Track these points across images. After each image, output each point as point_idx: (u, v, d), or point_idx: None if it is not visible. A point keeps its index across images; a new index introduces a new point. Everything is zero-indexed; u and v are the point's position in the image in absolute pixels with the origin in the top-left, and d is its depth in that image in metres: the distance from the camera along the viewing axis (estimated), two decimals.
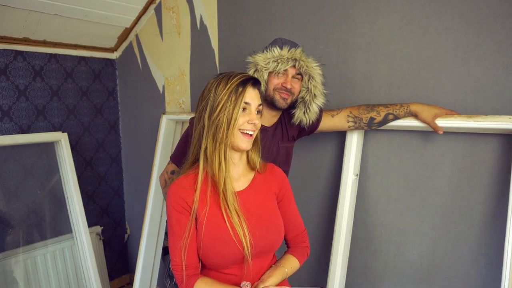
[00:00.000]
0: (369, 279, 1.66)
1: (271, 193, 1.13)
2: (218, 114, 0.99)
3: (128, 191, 2.84)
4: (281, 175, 1.18)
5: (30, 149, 2.24)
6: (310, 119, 1.39)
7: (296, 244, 1.20)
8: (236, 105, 0.99)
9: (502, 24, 1.28)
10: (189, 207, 1.02)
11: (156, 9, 2.35)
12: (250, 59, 1.35)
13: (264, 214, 1.08)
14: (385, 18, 1.51)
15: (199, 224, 1.02)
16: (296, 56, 1.29)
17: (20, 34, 2.10)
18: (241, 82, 1.00)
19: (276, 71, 1.30)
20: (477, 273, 1.39)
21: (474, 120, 1.26)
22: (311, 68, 1.33)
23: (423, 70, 1.44)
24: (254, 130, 1.04)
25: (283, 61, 1.28)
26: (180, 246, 1.01)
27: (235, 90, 1.00)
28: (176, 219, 1.02)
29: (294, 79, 1.33)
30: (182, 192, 1.03)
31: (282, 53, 1.29)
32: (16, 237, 2.18)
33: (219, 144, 1.00)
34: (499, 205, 1.34)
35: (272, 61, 1.29)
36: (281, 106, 1.34)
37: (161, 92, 2.44)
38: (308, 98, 1.36)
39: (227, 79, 1.01)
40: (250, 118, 1.02)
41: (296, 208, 1.20)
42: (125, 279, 2.94)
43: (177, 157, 1.42)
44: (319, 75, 1.35)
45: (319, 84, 1.36)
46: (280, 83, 1.31)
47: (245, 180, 1.11)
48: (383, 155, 1.58)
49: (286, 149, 1.47)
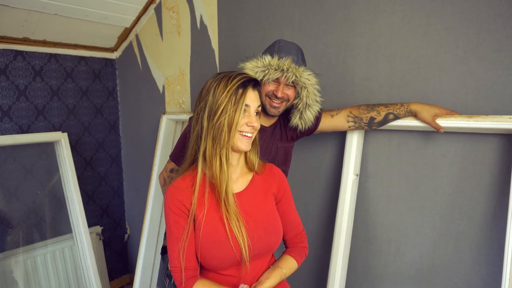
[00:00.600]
0: (369, 280, 1.65)
1: (269, 193, 1.12)
2: (219, 117, 0.97)
3: (128, 191, 2.84)
4: (280, 175, 1.18)
5: (30, 149, 2.24)
6: (306, 124, 1.39)
7: (295, 244, 1.19)
8: (237, 108, 0.98)
9: (502, 24, 1.28)
10: (187, 209, 1.01)
11: (156, 9, 2.35)
12: (241, 65, 1.34)
13: (262, 216, 1.07)
14: (385, 18, 1.51)
15: (197, 226, 1.01)
16: (284, 67, 1.26)
17: (20, 34, 2.10)
18: (242, 84, 0.99)
19: (266, 80, 1.28)
20: (478, 273, 1.39)
21: (475, 120, 1.26)
22: (300, 79, 1.29)
23: (424, 70, 1.44)
24: (253, 132, 1.03)
25: (271, 72, 1.26)
26: (179, 248, 1.00)
27: (236, 92, 0.98)
28: (174, 221, 1.02)
29: (287, 86, 1.31)
30: (179, 195, 1.02)
31: (272, 62, 1.27)
32: (16, 237, 2.17)
33: (220, 147, 0.99)
34: (499, 205, 1.33)
35: (261, 70, 1.27)
36: (273, 114, 1.33)
37: (161, 92, 2.43)
38: (302, 106, 1.35)
39: (226, 80, 0.99)
40: (249, 121, 1.01)
41: (294, 208, 1.20)
42: (125, 279, 2.94)
43: (177, 156, 1.42)
44: (312, 84, 1.32)
45: (311, 93, 1.33)
46: (271, 91, 1.30)
47: (243, 181, 1.10)
48: (383, 155, 1.58)
49: (285, 149, 1.46)
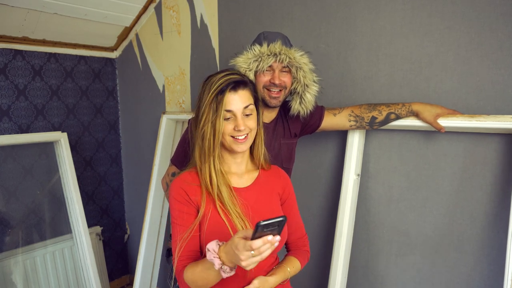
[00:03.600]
0: (370, 280, 1.65)
1: (274, 193, 1.12)
2: (202, 126, 0.98)
3: (128, 191, 2.83)
4: (286, 178, 1.17)
5: (29, 149, 2.23)
6: (307, 108, 1.35)
7: (298, 247, 1.18)
8: (217, 116, 0.97)
9: (504, 23, 1.27)
10: (191, 200, 1.01)
11: (156, 8, 2.35)
12: (232, 62, 1.32)
13: (268, 213, 1.06)
14: (386, 17, 1.50)
15: (202, 221, 1.01)
16: (275, 51, 1.25)
17: (19, 33, 2.10)
18: (220, 90, 0.97)
19: (260, 70, 1.27)
20: (480, 274, 1.39)
21: (476, 120, 1.26)
22: (294, 59, 1.28)
23: (425, 69, 1.43)
24: (245, 134, 1.01)
25: (264, 59, 1.25)
26: (181, 237, 0.99)
27: (215, 99, 0.97)
28: (178, 210, 1.01)
29: (282, 72, 1.29)
30: (185, 186, 1.02)
31: (262, 50, 1.26)
32: (15, 238, 2.16)
33: (207, 156, 0.99)
34: (501, 205, 1.33)
35: (253, 60, 1.26)
36: (273, 105, 1.31)
37: (161, 92, 2.43)
38: (300, 88, 1.32)
39: (210, 85, 0.98)
40: (236, 125, 0.99)
41: (298, 212, 1.19)
42: (125, 279, 2.93)
43: (178, 160, 1.40)
44: (306, 64, 1.31)
45: (308, 73, 1.31)
46: (268, 80, 1.28)
47: (249, 177, 1.10)
48: (384, 155, 1.57)
49: (288, 145, 1.45)
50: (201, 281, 0.93)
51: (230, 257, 0.82)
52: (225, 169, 1.07)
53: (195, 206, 1.01)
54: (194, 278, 0.93)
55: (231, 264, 0.84)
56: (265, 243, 0.76)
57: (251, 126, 1.02)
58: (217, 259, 0.84)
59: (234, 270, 0.86)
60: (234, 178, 1.07)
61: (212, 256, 0.85)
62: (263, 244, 0.76)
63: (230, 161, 1.07)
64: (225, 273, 0.85)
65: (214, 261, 0.84)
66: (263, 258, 0.79)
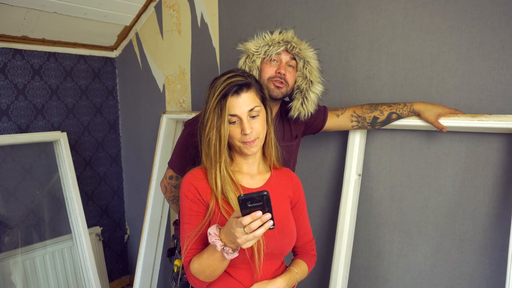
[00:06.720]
0: (371, 280, 1.64)
1: (285, 195, 1.10)
2: (208, 132, 0.98)
3: (128, 191, 2.82)
4: (297, 181, 1.16)
5: (28, 148, 2.22)
6: (308, 110, 1.30)
7: (305, 251, 1.18)
8: (222, 122, 0.96)
9: (506, 22, 1.27)
10: (201, 197, 1.01)
11: (156, 7, 2.34)
12: (240, 46, 1.30)
13: (278, 215, 1.04)
14: (388, 16, 1.49)
15: (213, 220, 1.00)
16: (288, 38, 1.24)
17: (18, 32, 2.09)
18: (223, 95, 0.96)
19: (269, 57, 1.25)
20: (481, 274, 1.38)
21: (478, 120, 1.25)
22: (304, 51, 1.26)
23: (426, 69, 1.43)
24: (252, 138, 0.99)
25: (275, 44, 1.24)
26: (189, 235, 0.99)
27: (219, 104, 0.96)
28: (188, 208, 1.01)
29: (288, 67, 1.27)
30: (195, 182, 1.02)
31: (273, 37, 1.25)
32: (15, 238, 2.16)
33: (214, 163, 0.99)
34: (503, 205, 1.32)
35: (263, 45, 1.25)
36: (275, 95, 1.26)
37: (161, 91, 2.42)
38: (305, 86, 1.28)
39: (214, 90, 0.98)
40: (242, 129, 0.97)
41: (307, 217, 1.18)
42: (125, 280, 2.92)
43: (175, 163, 1.39)
44: (314, 59, 1.29)
45: (315, 69, 1.29)
46: (274, 71, 1.25)
47: (261, 178, 1.09)
48: (386, 155, 1.57)
49: (287, 148, 1.43)
50: (208, 270, 0.94)
51: (229, 237, 0.85)
52: (237, 170, 1.06)
53: (205, 204, 1.01)
54: (201, 267, 0.95)
55: (232, 245, 0.87)
56: (254, 219, 0.79)
57: (258, 128, 0.99)
58: (219, 241, 0.87)
59: (237, 251, 0.88)
60: (246, 178, 1.06)
61: (213, 239, 0.88)
62: (252, 220, 0.79)
63: (242, 162, 1.06)
64: (228, 254, 0.87)
65: (216, 243, 0.87)
66: (257, 237, 0.81)
